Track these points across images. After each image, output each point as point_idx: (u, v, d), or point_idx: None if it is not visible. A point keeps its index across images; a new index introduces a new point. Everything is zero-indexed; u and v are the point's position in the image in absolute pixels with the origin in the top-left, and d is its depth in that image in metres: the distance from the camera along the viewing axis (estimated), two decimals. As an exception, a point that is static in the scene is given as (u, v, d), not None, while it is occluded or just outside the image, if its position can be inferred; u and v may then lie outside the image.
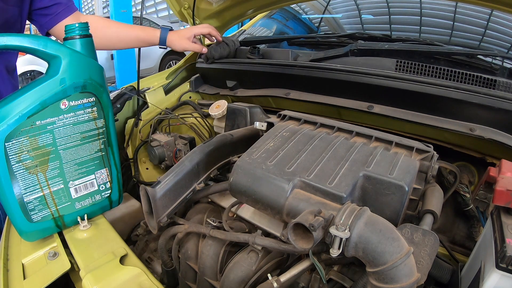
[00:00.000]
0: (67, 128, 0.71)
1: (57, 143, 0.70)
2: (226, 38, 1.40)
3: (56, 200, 0.72)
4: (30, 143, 0.66)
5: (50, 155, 0.69)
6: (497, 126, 0.81)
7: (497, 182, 0.56)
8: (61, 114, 0.69)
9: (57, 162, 0.70)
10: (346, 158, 0.67)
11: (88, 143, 0.74)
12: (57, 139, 0.69)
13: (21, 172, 0.66)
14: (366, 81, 0.94)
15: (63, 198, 0.73)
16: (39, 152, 0.68)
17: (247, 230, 0.81)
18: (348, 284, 0.64)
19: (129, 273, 0.63)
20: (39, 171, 0.68)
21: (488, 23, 1.23)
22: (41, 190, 0.70)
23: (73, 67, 0.69)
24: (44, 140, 0.68)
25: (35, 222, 0.70)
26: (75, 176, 0.73)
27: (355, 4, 1.59)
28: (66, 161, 0.71)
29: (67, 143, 0.71)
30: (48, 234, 0.74)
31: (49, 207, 0.71)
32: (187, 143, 1.24)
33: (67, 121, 0.70)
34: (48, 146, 0.69)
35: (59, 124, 0.69)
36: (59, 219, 0.73)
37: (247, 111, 1.08)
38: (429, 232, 0.56)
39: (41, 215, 0.71)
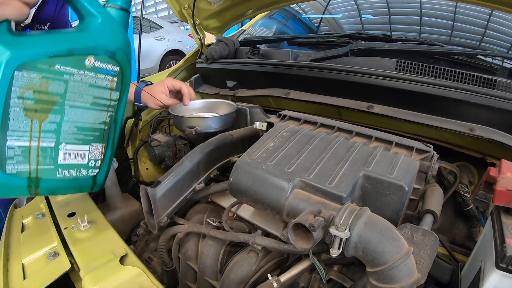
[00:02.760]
0: (82, 85, 0.65)
1: (66, 97, 0.64)
2: (226, 38, 1.40)
3: (40, 158, 0.63)
4: (41, 84, 0.60)
5: (54, 105, 0.62)
6: (497, 126, 0.81)
7: (497, 182, 0.56)
8: (83, 69, 0.65)
9: (58, 116, 0.63)
10: (346, 158, 0.67)
11: (95, 110, 0.68)
12: (69, 92, 0.64)
13: (17, 110, 0.58)
14: (366, 81, 0.94)
15: (48, 158, 0.64)
16: (44, 98, 0.61)
17: (247, 230, 0.81)
18: (348, 284, 0.64)
19: (129, 273, 0.63)
20: (36, 117, 0.61)
21: (488, 23, 1.23)
22: (29, 140, 0.61)
23: (108, 31, 0.66)
24: (55, 87, 0.62)
25: (7, 174, 0.60)
26: (70, 140, 0.66)
27: (355, 4, 1.59)
28: (68, 120, 0.65)
29: (76, 101, 0.65)
30: (14, 195, 0.66)
31: (30, 162, 0.62)
32: (187, 143, 1.24)
33: (85, 78, 0.65)
34: (56, 95, 0.62)
35: (77, 78, 0.64)
36: (34, 181, 0.63)
37: (247, 111, 1.08)
38: (429, 232, 0.56)
39: (17, 168, 0.60)
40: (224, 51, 1.35)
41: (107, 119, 0.71)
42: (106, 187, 1.09)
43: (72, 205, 0.88)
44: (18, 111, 0.58)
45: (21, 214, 0.89)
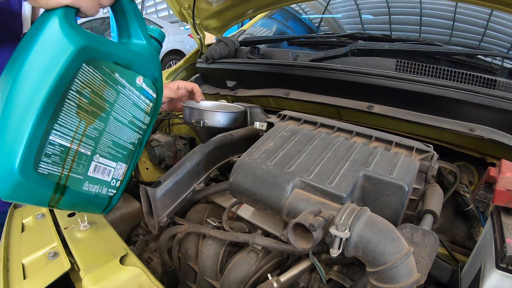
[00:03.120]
0: (128, 102, 0.65)
1: (114, 107, 0.63)
2: (226, 38, 1.40)
3: (75, 164, 0.58)
4: (99, 86, 0.59)
5: (102, 112, 0.61)
6: (497, 126, 0.81)
7: (497, 182, 0.56)
8: (133, 86, 0.65)
9: (102, 125, 0.61)
10: (346, 158, 0.67)
11: (130, 130, 0.68)
12: (117, 103, 0.63)
13: (71, 105, 0.55)
14: (366, 81, 0.94)
15: (81, 167, 0.60)
16: (97, 101, 0.59)
17: (247, 230, 0.81)
18: (348, 284, 0.64)
19: (129, 273, 0.63)
20: (85, 118, 0.58)
21: (488, 23, 1.23)
22: (71, 140, 0.56)
23: (152, 58, 0.68)
24: (109, 94, 0.61)
25: (38, 173, 0.53)
26: (104, 152, 0.63)
27: (355, 4, 1.59)
28: (108, 131, 0.63)
29: (119, 115, 0.64)
30: (32, 202, 0.57)
31: (64, 166, 0.56)
32: (187, 143, 1.24)
33: (132, 96, 0.66)
34: (107, 103, 0.61)
35: (126, 92, 0.64)
36: (61, 188, 0.57)
37: (247, 111, 1.08)
38: (429, 232, 0.56)
39: (50, 169, 0.54)
40: (224, 51, 1.35)
41: (135, 141, 0.71)
42: (106, 187, 1.08)
43: (72, 205, 0.88)
44: (71, 106, 0.55)
45: (21, 214, 0.89)
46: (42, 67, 0.51)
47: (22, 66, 0.51)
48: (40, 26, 0.53)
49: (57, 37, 0.52)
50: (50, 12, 0.53)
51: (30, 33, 0.54)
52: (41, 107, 0.51)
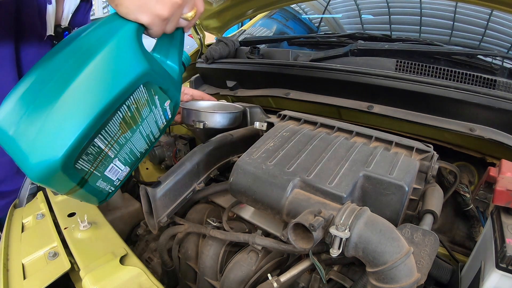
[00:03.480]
0: (153, 119, 0.70)
1: (143, 122, 0.67)
2: (226, 38, 1.40)
3: (100, 164, 0.62)
4: (142, 104, 0.63)
5: (135, 125, 0.65)
6: (497, 126, 0.81)
7: (497, 182, 0.56)
8: (161, 107, 0.70)
9: (130, 135, 0.65)
10: (346, 158, 0.67)
11: (144, 141, 0.72)
12: (146, 119, 0.67)
13: (119, 116, 0.59)
14: (366, 81, 0.94)
15: (103, 167, 0.64)
16: (136, 115, 0.63)
17: (247, 230, 0.81)
18: (348, 284, 0.64)
19: (129, 273, 0.63)
20: (122, 128, 0.62)
21: (488, 23, 1.23)
22: (107, 144, 0.60)
23: (180, 85, 0.73)
24: (144, 111, 0.65)
25: (74, 167, 0.56)
26: (121, 157, 0.67)
27: (355, 4, 1.59)
28: (132, 141, 0.67)
29: (144, 129, 0.69)
30: (56, 189, 0.60)
31: (93, 164, 0.60)
32: (187, 143, 1.24)
33: (157, 115, 0.70)
34: (141, 118, 0.65)
35: (155, 112, 0.69)
36: (83, 182, 0.61)
37: (247, 111, 1.08)
38: (429, 232, 0.56)
39: (83, 165, 0.58)
40: (224, 51, 1.35)
41: (144, 151, 0.74)
42: (106, 187, 1.09)
43: (72, 205, 0.88)
44: (119, 117, 0.60)
45: (21, 214, 0.89)
46: (107, 76, 0.55)
47: (84, 65, 0.53)
48: (110, 33, 0.56)
49: (128, 54, 0.57)
50: (123, 23, 0.57)
51: (94, 33, 0.57)
52: (98, 113, 0.54)
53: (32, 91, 0.53)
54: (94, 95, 0.54)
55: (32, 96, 0.53)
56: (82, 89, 0.53)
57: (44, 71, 0.55)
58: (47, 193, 0.94)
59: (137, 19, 0.56)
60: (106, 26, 0.57)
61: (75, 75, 0.53)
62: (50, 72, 0.54)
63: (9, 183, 1.05)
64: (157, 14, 0.56)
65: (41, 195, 0.95)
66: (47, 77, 0.54)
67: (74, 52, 0.55)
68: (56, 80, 0.53)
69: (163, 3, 0.56)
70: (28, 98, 0.53)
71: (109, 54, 0.55)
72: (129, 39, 0.57)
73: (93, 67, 0.54)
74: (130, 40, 0.57)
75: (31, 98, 0.53)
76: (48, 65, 0.56)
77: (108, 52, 0.55)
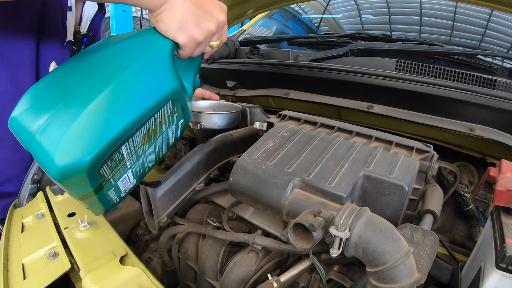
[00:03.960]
0: (166, 135, 0.71)
1: (160, 137, 0.68)
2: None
3: (117, 172, 0.63)
4: (164, 119, 0.65)
5: (153, 139, 0.66)
6: (497, 126, 0.81)
7: (497, 182, 0.56)
8: (175, 125, 0.72)
9: (147, 148, 0.66)
10: (346, 158, 0.67)
11: (154, 156, 0.73)
12: (162, 135, 0.69)
13: (145, 127, 0.60)
14: (366, 81, 0.94)
15: (118, 176, 0.64)
16: (156, 130, 0.65)
17: (247, 230, 0.81)
18: (348, 284, 0.64)
19: (129, 273, 0.63)
20: (144, 140, 0.63)
21: (488, 23, 1.23)
22: (129, 153, 0.61)
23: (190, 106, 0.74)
24: (164, 127, 0.67)
25: (98, 172, 0.56)
26: (133, 169, 0.68)
27: (355, 4, 1.59)
28: (146, 154, 0.68)
29: (157, 144, 0.70)
30: (72, 191, 0.60)
31: (113, 172, 0.61)
32: (187, 143, 1.24)
33: (170, 132, 0.72)
34: (159, 133, 0.67)
35: (170, 128, 0.70)
36: (99, 189, 0.61)
37: (247, 111, 1.08)
38: (429, 232, 0.56)
39: (105, 171, 0.58)
40: (224, 51, 1.35)
41: (151, 166, 0.75)
42: (106, 187, 1.09)
43: (72, 205, 0.88)
44: (145, 128, 0.61)
45: (21, 214, 0.89)
46: (143, 86, 0.56)
47: (122, 72, 0.55)
48: (149, 46, 0.58)
49: (164, 69, 0.59)
50: (161, 39, 0.59)
51: (133, 43, 0.59)
52: (132, 120, 0.55)
53: (63, 90, 0.53)
54: (129, 103, 0.55)
55: (62, 95, 0.52)
56: (118, 95, 0.54)
57: (75, 72, 0.55)
58: (47, 193, 0.94)
59: (174, 38, 0.59)
60: (144, 38, 0.59)
61: (112, 80, 0.54)
62: (84, 74, 0.54)
63: (14, 183, 1.06)
64: (193, 37, 0.59)
65: (41, 195, 0.95)
66: (80, 79, 0.54)
67: (112, 58, 0.56)
68: (91, 83, 0.53)
69: (200, 28, 0.59)
70: (57, 96, 0.52)
71: (147, 66, 0.57)
72: (166, 55, 0.59)
73: (130, 75, 0.55)
74: (166, 56, 0.59)
75: (61, 96, 0.52)
76: (81, 67, 0.56)
77: (145, 63, 0.57)
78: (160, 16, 0.57)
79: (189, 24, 0.58)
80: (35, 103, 0.52)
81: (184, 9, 0.57)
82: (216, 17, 0.62)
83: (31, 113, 0.51)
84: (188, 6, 0.58)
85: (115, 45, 0.58)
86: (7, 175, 1.06)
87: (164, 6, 0.56)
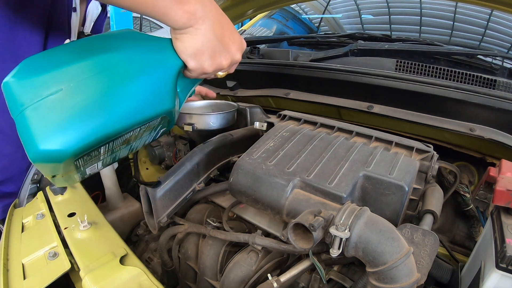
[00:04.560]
0: (145, 139, 0.72)
1: (138, 140, 0.69)
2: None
3: (89, 163, 0.63)
4: (149, 130, 0.66)
5: (133, 142, 0.67)
6: (497, 126, 0.81)
7: (497, 182, 0.56)
8: (156, 131, 0.72)
9: (125, 147, 0.67)
10: (346, 158, 0.67)
11: (128, 151, 0.74)
12: (141, 138, 0.69)
13: (130, 135, 0.62)
14: (366, 81, 0.94)
15: (88, 164, 0.64)
16: (138, 136, 0.66)
17: (247, 230, 0.81)
18: (348, 284, 0.64)
19: (129, 273, 0.63)
20: (124, 144, 0.65)
21: (488, 23, 1.23)
22: (106, 151, 0.62)
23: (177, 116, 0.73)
24: (146, 134, 0.68)
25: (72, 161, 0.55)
26: (105, 161, 0.68)
27: (355, 4, 1.59)
28: (121, 152, 0.69)
29: (134, 144, 0.71)
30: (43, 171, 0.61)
31: (86, 163, 0.61)
32: (187, 143, 1.24)
33: (149, 136, 0.72)
34: (139, 138, 0.68)
35: (151, 134, 0.71)
36: (67, 174, 0.62)
37: (247, 111, 1.08)
38: (429, 232, 0.56)
39: (77, 162, 0.57)
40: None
41: (122, 158, 0.75)
42: (106, 187, 1.09)
43: (72, 205, 0.88)
44: (129, 135, 0.61)
45: (21, 214, 0.89)
46: (141, 99, 0.57)
47: (125, 80, 0.55)
48: (158, 60, 0.59)
49: (166, 88, 0.60)
50: (174, 57, 0.60)
51: (147, 50, 0.59)
52: (120, 128, 0.56)
53: (67, 73, 0.52)
54: (126, 111, 0.55)
55: (65, 78, 0.51)
56: (119, 100, 0.54)
57: (86, 57, 0.54)
58: (47, 193, 0.94)
59: (186, 61, 0.60)
60: (160, 51, 0.60)
61: (119, 84, 0.54)
62: (93, 64, 0.54)
63: (16, 183, 1.06)
64: (203, 67, 0.60)
65: (41, 195, 0.95)
66: (88, 68, 0.53)
67: (126, 59, 0.56)
68: (98, 78, 0.53)
69: (213, 61, 0.60)
70: (60, 78, 0.51)
71: (153, 82, 0.58)
72: (172, 75, 0.60)
73: (136, 85, 0.56)
74: (173, 75, 0.60)
75: (64, 80, 0.51)
76: (93, 54, 0.55)
77: (153, 79, 0.58)
78: (181, 36, 0.57)
79: (204, 55, 0.59)
80: (36, 75, 0.51)
81: (205, 39, 0.57)
82: (232, 55, 0.63)
83: (29, 84, 0.50)
84: (210, 37, 0.58)
85: (133, 44, 0.58)
86: (9, 173, 1.06)
87: (189, 29, 0.56)
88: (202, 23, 0.56)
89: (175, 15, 0.54)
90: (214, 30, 0.58)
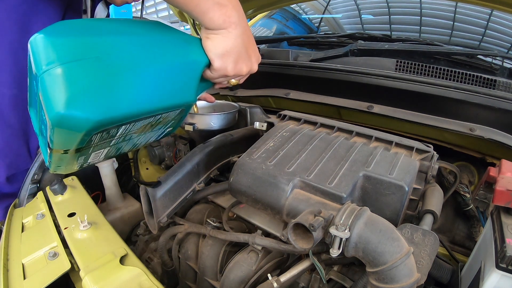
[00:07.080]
0: (150, 135, 0.73)
1: (148, 133, 0.70)
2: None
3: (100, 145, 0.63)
4: (166, 121, 0.68)
5: (146, 131, 0.68)
6: (497, 126, 0.81)
7: (497, 182, 0.56)
8: (163, 130, 0.73)
9: (134, 136, 0.67)
10: (346, 158, 0.67)
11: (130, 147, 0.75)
12: (150, 132, 0.70)
13: (148, 121, 0.63)
14: (366, 81, 0.94)
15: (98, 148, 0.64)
16: (154, 126, 0.68)
17: (247, 230, 0.81)
18: (348, 284, 0.64)
19: (129, 273, 0.63)
20: (138, 131, 0.66)
21: (488, 23, 1.23)
22: (121, 135, 0.62)
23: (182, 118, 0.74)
24: (159, 127, 0.70)
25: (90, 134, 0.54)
26: (110, 151, 0.69)
27: (355, 4, 1.59)
28: (127, 144, 0.70)
29: (140, 139, 0.72)
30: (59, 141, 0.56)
31: (98, 143, 0.60)
32: (187, 143, 1.24)
33: (154, 134, 0.73)
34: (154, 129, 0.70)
35: (159, 130, 0.72)
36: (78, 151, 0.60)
37: (247, 111, 1.08)
38: (429, 232, 0.56)
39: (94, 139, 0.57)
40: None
41: (122, 154, 0.77)
42: (106, 187, 1.09)
43: (72, 205, 0.88)
44: (148, 120, 0.63)
45: (21, 214, 0.89)
46: (171, 84, 0.59)
47: (156, 63, 0.56)
48: (189, 51, 0.61)
49: (192, 80, 0.62)
50: (202, 54, 0.62)
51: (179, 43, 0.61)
52: (148, 108, 0.57)
53: (104, 42, 0.51)
54: (157, 91, 0.56)
55: (101, 47, 0.50)
56: (152, 78, 0.55)
57: (123, 36, 0.54)
58: (47, 193, 0.94)
59: (212, 59, 0.62)
60: (191, 44, 0.62)
61: (154, 62, 0.55)
62: (128, 41, 0.54)
63: (17, 182, 1.06)
64: (226, 69, 0.63)
65: (41, 195, 0.95)
66: (125, 45, 0.53)
67: (161, 42, 0.58)
68: (133, 54, 0.54)
69: (235, 65, 0.64)
70: (95, 46, 0.50)
71: (184, 68, 0.60)
72: (199, 69, 0.63)
73: (169, 66, 0.57)
74: (199, 69, 0.63)
75: (99, 49, 0.50)
76: (130, 33, 0.56)
77: (184, 65, 0.60)
78: (213, 36, 0.60)
79: (231, 57, 0.62)
80: (74, 36, 0.49)
81: (235, 43, 0.61)
82: (252, 64, 0.67)
83: (65, 43, 0.48)
84: (239, 42, 0.61)
85: (168, 32, 0.61)
86: (15, 169, 1.06)
87: (222, 31, 0.59)
88: (235, 28, 0.60)
89: (213, 15, 0.57)
90: (243, 38, 0.61)
